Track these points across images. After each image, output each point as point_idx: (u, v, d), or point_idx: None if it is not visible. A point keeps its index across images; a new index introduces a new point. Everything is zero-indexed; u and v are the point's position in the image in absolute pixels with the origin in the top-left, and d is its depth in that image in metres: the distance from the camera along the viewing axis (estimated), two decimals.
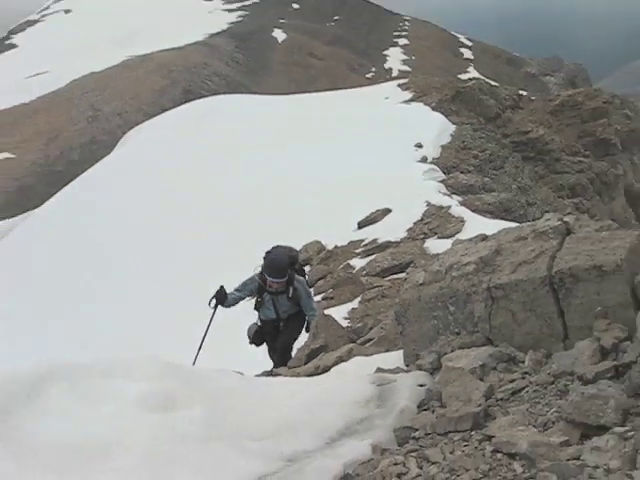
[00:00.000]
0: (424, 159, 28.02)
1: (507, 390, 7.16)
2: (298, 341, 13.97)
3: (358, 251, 20.40)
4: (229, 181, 28.38)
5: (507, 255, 8.28)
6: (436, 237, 19.27)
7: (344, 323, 13.86)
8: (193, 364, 13.08)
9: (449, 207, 21.85)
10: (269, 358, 14.02)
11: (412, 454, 6.57)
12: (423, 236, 19.73)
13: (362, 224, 22.04)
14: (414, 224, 20.86)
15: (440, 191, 23.92)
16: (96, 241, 29.88)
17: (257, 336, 13.83)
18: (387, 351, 9.18)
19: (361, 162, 26.70)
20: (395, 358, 8.55)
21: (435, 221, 20.69)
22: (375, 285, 17.08)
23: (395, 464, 6.41)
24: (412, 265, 16.91)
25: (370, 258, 19.45)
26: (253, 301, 13.92)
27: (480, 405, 6.94)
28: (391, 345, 9.36)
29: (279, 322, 13.79)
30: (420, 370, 7.96)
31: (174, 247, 25.68)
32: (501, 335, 7.85)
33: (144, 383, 7.36)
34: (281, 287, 13.51)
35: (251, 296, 13.77)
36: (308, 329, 13.83)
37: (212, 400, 7.39)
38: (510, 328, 7.81)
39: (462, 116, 34.70)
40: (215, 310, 13.94)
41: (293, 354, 13.66)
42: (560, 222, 8.66)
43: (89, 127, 59.39)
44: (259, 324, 13.91)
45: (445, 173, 26.52)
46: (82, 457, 6.40)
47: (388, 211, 22.17)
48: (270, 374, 12.36)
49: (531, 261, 7.94)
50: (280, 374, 11.51)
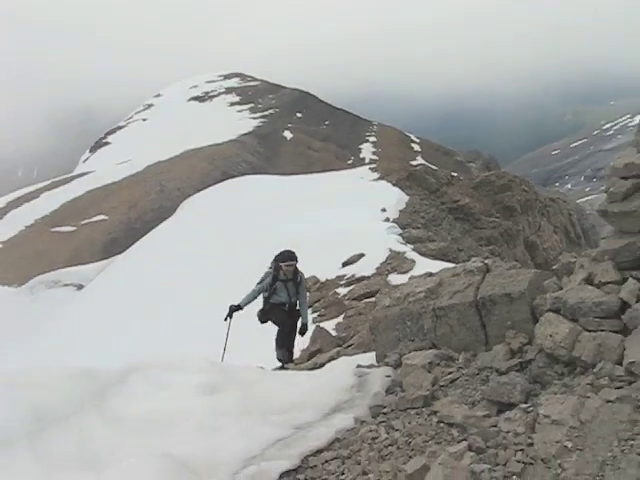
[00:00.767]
0: (387, 219, 28.13)
1: (447, 379, 7.23)
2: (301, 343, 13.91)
3: (342, 282, 20.45)
4: (249, 236, 28.47)
5: (446, 286, 8.33)
6: (396, 273, 19.33)
7: (333, 333, 13.81)
8: (221, 361, 12.97)
9: (404, 252, 21.96)
10: (275, 342, 13.77)
11: (382, 424, 6.69)
12: (387, 272, 19.80)
13: (345, 264, 22.13)
14: (381, 264, 20.93)
15: (398, 241, 24.03)
16: (159, 276, 29.98)
17: (264, 314, 13.42)
18: (364, 352, 9.21)
19: (344, 221, 26.80)
20: (370, 358, 8.60)
21: (395, 262, 20.78)
22: (354, 306, 17.10)
23: (370, 431, 6.56)
24: (380, 292, 16.88)
25: (351, 287, 19.51)
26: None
27: (428, 390, 7.01)
28: (366, 348, 9.39)
29: (289, 305, 13.33)
30: (387, 366, 8.00)
31: (208, 282, 25.73)
32: (442, 341, 7.88)
33: (196, 375, 7.47)
34: (291, 273, 13.24)
35: (265, 291, 13.46)
36: (302, 333, 13.41)
37: (243, 387, 7.46)
38: (449, 336, 7.85)
39: (413, 190, 34.87)
40: (230, 320, 13.41)
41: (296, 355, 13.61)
42: (482, 263, 8.74)
43: (158, 198, 59.62)
44: (267, 307, 13.27)
45: (402, 229, 26.61)
46: (154, 425, 6.58)
47: (362, 255, 22.23)
48: (282, 368, 12.32)
49: (463, 290, 8.00)
50: (289, 369, 11.51)
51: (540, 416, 5.90)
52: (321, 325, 14.20)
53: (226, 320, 13.46)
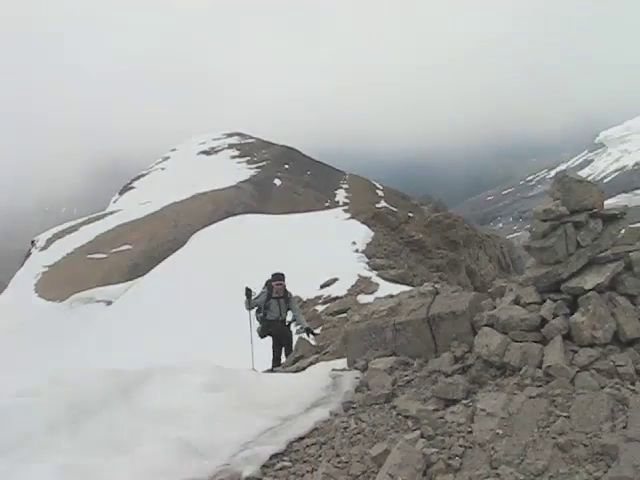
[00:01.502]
0: (356, 250, 28.04)
1: (404, 380, 7.23)
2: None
3: (320, 301, 20.41)
4: (245, 262, 28.34)
5: (404, 306, 8.35)
6: (363, 294, 19.27)
7: (312, 342, 13.74)
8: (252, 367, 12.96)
9: (370, 277, 21.95)
10: (272, 351, 13.60)
11: (352, 416, 6.69)
12: (356, 293, 19.75)
13: (323, 286, 22.05)
14: (351, 286, 20.90)
15: (365, 268, 23.97)
16: (174, 295, 29.91)
17: (264, 330, 13.37)
18: (338, 359, 9.16)
19: (322, 251, 26.77)
20: (342, 363, 8.55)
21: (363, 285, 20.76)
22: (330, 320, 17.04)
23: (342, 422, 6.57)
24: (350, 310, 16.88)
25: (327, 305, 19.45)
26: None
27: (389, 389, 7.03)
28: (340, 355, 9.34)
29: (281, 321, 13.43)
30: (356, 370, 7.97)
31: (212, 300, 25.64)
32: (401, 350, 7.87)
33: (202, 376, 7.44)
34: (281, 291, 13.27)
35: (260, 308, 13.37)
36: (309, 334, 13.51)
37: (240, 386, 7.45)
38: (406, 346, 7.85)
39: (377, 227, 34.84)
40: (249, 302, 13.42)
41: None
42: (432, 288, 8.80)
43: (172, 231, 59.44)
44: (264, 324, 13.35)
45: (368, 258, 26.56)
46: (167, 416, 6.56)
47: (337, 279, 22.18)
48: (272, 371, 12.28)
49: (417, 309, 8.02)
50: (278, 371, 11.46)
51: (478, 409, 5.95)
52: (303, 336, 14.14)
53: (246, 298, 13.38)
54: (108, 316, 35.42)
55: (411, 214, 47.58)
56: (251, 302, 13.36)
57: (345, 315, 16.59)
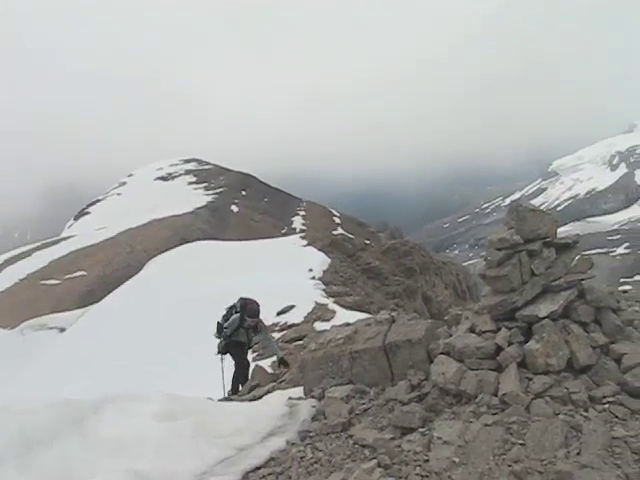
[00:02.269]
0: (313, 277, 28.06)
1: (361, 409, 7.20)
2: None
3: (277, 328, 20.25)
4: (202, 290, 28.15)
5: (361, 334, 8.34)
6: (320, 321, 19.26)
7: (269, 370, 13.65)
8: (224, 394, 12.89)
9: (327, 304, 21.96)
10: (233, 375, 13.48)
11: (309, 445, 6.64)
12: (313, 320, 19.70)
13: (279, 313, 21.91)
14: (308, 313, 20.84)
15: (322, 295, 23.97)
16: (128, 322, 29.50)
17: (225, 347, 13.31)
18: (294, 387, 9.12)
19: (279, 278, 26.69)
20: (299, 391, 8.52)
21: (320, 312, 20.72)
22: (287, 348, 16.94)
23: (299, 451, 6.52)
24: (307, 337, 16.88)
25: (284, 332, 19.30)
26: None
27: (346, 418, 6.98)
28: (296, 384, 9.30)
29: (247, 345, 13.54)
30: (313, 398, 7.93)
31: (167, 328, 25.35)
32: (357, 378, 7.86)
33: (156, 405, 7.33)
34: (253, 324, 13.30)
35: (230, 330, 13.21)
36: (281, 364, 13.14)
37: (195, 415, 7.33)
38: (362, 374, 7.84)
39: (334, 254, 34.95)
40: (221, 337, 13.40)
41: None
42: (389, 316, 8.80)
43: (128, 257, 58.76)
44: (228, 342, 13.29)
45: (325, 285, 26.58)
46: (121, 447, 6.45)
47: (293, 306, 22.07)
48: (227, 399, 12.13)
49: (374, 337, 8.03)
50: (233, 400, 11.34)
51: (434, 438, 5.95)
52: (259, 364, 14.03)
53: (218, 337, 13.37)
54: (61, 343, 34.75)
55: (368, 241, 47.89)
56: (222, 331, 13.34)
57: (302, 342, 16.54)
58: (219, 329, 13.35)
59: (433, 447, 5.85)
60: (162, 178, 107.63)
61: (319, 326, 18.34)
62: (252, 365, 13.91)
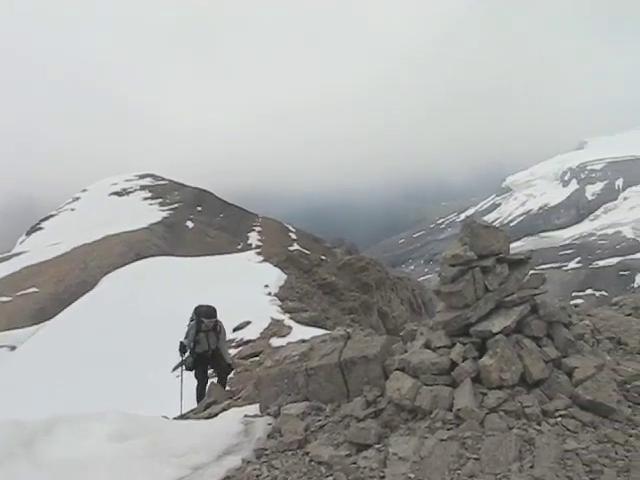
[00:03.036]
0: (269, 293, 28.01)
1: (317, 426, 7.18)
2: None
3: (233, 344, 20.13)
4: (156, 306, 27.94)
5: (316, 350, 8.34)
6: (276, 337, 19.21)
7: (226, 387, 13.56)
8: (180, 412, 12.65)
9: (283, 320, 21.92)
10: (196, 390, 13.29)
11: (264, 463, 6.60)
12: (269, 336, 19.65)
13: (235, 329, 21.80)
14: (264, 329, 20.78)
15: (278, 311, 23.93)
16: (82, 339, 29.07)
17: (194, 363, 13.02)
18: (250, 404, 9.06)
19: (235, 294, 26.54)
20: (255, 409, 8.46)
21: (276, 328, 20.67)
22: (243, 364, 16.86)
23: (255, 469, 6.48)
24: (263, 353, 16.83)
25: (240, 348, 19.21)
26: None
27: (302, 435, 6.96)
28: (252, 401, 9.24)
29: (209, 352, 13.12)
30: (269, 415, 7.89)
31: (121, 346, 25.03)
32: (313, 395, 7.84)
33: (110, 425, 7.21)
34: (211, 325, 13.06)
35: (190, 341, 12.97)
36: (228, 372, 13.51)
37: (149, 434, 7.22)
38: (318, 391, 7.82)
39: (290, 270, 34.94)
40: (183, 359, 13.21)
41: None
42: (344, 332, 8.82)
43: (81, 274, 57.83)
44: (194, 356, 13.03)
45: (281, 301, 26.54)
46: (73, 468, 6.32)
47: (249, 322, 22.00)
48: (182, 417, 11.98)
49: (329, 354, 8.02)
50: (189, 418, 11.23)
51: (390, 454, 5.97)
52: (215, 381, 13.92)
53: (181, 356, 13.13)
54: (12, 362, 34.08)
55: (324, 257, 47.92)
56: (184, 348, 13.12)
57: (258, 359, 16.49)
58: (182, 347, 13.08)
59: (389, 463, 5.86)
60: (117, 193, 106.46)
61: (275, 342, 18.30)
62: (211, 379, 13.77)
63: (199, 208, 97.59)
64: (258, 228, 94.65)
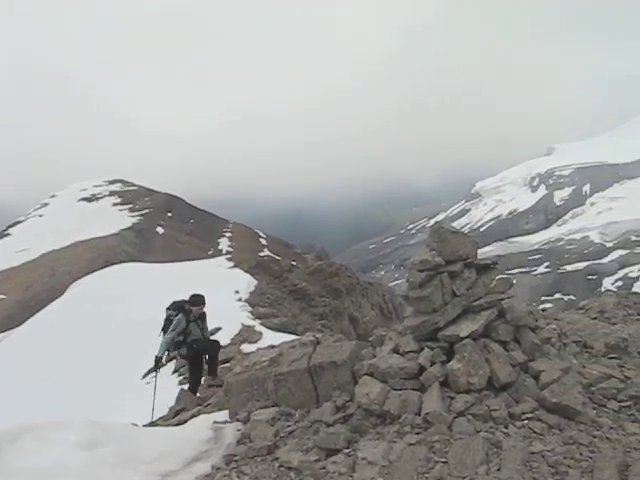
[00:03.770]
0: (240, 299, 27.92)
1: (286, 431, 7.18)
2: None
3: None
4: (126, 312, 27.72)
5: (286, 356, 8.33)
6: (247, 343, 19.18)
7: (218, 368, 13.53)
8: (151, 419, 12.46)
9: (254, 326, 21.91)
10: (190, 374, 13.50)
11: (234, 470, 6.59)
12: (240, 342, 19.60)
13: None
14: (235, 335, 20.72)
15: (249, 317, 23.89)
16: (51, 347, 28.74)
17: (189, 349, 12.77)
18: (220, 410, 9.01)
19: (205, 300, 26.45)
20: (224, 415, 8.43)
21: (246, 334, 20.64)
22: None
23: (224, 476, 6.48)
24: (233, 359, 16.78)
25: None
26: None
27: (271, 440, 6.96)
28: (222, 407, 9.19)
29: (203, 339, 13.08)
30: (238, 421, 7.87)
31: (91, 352, 24.75)
32: (283, 400, 7.84)
33: (78, 433, 7.13)
34: (200, 312, 13.07)
35: (181, 334, 12.70)
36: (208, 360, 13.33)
37: (118, 441, 7.16)
38: (287, 396, 7.82)
39: (261, 276, 34.85)
40: (157, 373, 13.19)
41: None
42: (314, 337, 8.82)
43: (50, 280, 57.21)
44: (188, 345, 12.78)
45: (251, 307, 26.48)
46: (40, 477, 6.24)
47: (220, 328, 21.88)
48: (152, 424, 11.90)
49: (299, 359, 8.03)
50: (158, 424, 11.16)
51: (359, 458, 6.00)
52: (185, 387, 13.83)
53: (155, 371, 12.98)
54: None
55: (294, 263, 47.88)
56: (167, 343, 12.77)
57: (228, 365, 16.42)
58: (157, 364, 12.63)
59: (358, 468, 5.89)
60: (86, 199, 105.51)
61: (246, 348, 18.26)
62: (177, 388, 13.69)
63: (169, 214, 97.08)
64: (228, 234, 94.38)
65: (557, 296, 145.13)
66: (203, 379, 13.64)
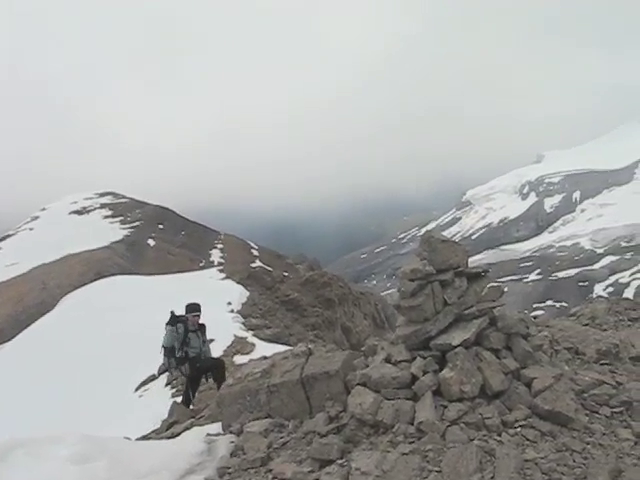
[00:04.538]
0: (232, 310, 27.87)
1: (279, 443, 7.16)
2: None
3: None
4: (118, 325, 27.65)
5: (279, 367, 8.32)
6: (240, 354, 19.17)
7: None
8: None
9: (246, 337, 21.86)
10: (185, 390, 13.21)
11: None
12: (233, 354, 19.58)
13: None
14: (227, 347, 20.66)
15: (241, 328, 23.84)
16: (42, 361, 28.60)
17: (191, 368, 12.55)
18: (213, 423, 8.98)
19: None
20: (217, 427, 8.40)
21: (239, 345, 20.60)
22: (205, 383, 16.72)
23: None
24: (226, 371, 16.75)
25: None
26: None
27: (265, 452, 6.94)
28: (215, 419, 9.16)
29: (202, 356, 12.84)
30: (231, 434, 7.84)
31: (84, 366, 24.66)
32: (275, 412, 7.82)
33: (70, 447, 7.08)
34: (197, 322, 12.83)
35: (180, 343, 12.47)
36: (215, 379, 12.95)
37: (110, 455, 7.12)
38: (280, 408, 7.81)
39: (253, 287, 34.82)
40: (169, 360, 12.57)
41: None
42: (306, 348, 8.81)
43: (41, 294, 56.97)
44: (190, 362, 12.54)
45: (244, 318, 26.44)
46: None
47: (212, 340, 21.74)
48: (145, 438, 11.84)
49: (291, 370, 8.02)
50: (151, 438, 11.12)
51: (352, 469, 5.98)
52: (177, 400, 13.78)
53: (168, 361, 12.56)
54: None
55: (286, 273, 47.87)
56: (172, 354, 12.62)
57: None
58: (169, 351, 12.46)
59: (352, 478, 5.87)
60: (77, 212, 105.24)
61: (238, 359, 18.24)
62: (170, 402, 13.62)
63: (160, 226, 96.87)
64: (220, 245, 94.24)
65: (549, 303, 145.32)
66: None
